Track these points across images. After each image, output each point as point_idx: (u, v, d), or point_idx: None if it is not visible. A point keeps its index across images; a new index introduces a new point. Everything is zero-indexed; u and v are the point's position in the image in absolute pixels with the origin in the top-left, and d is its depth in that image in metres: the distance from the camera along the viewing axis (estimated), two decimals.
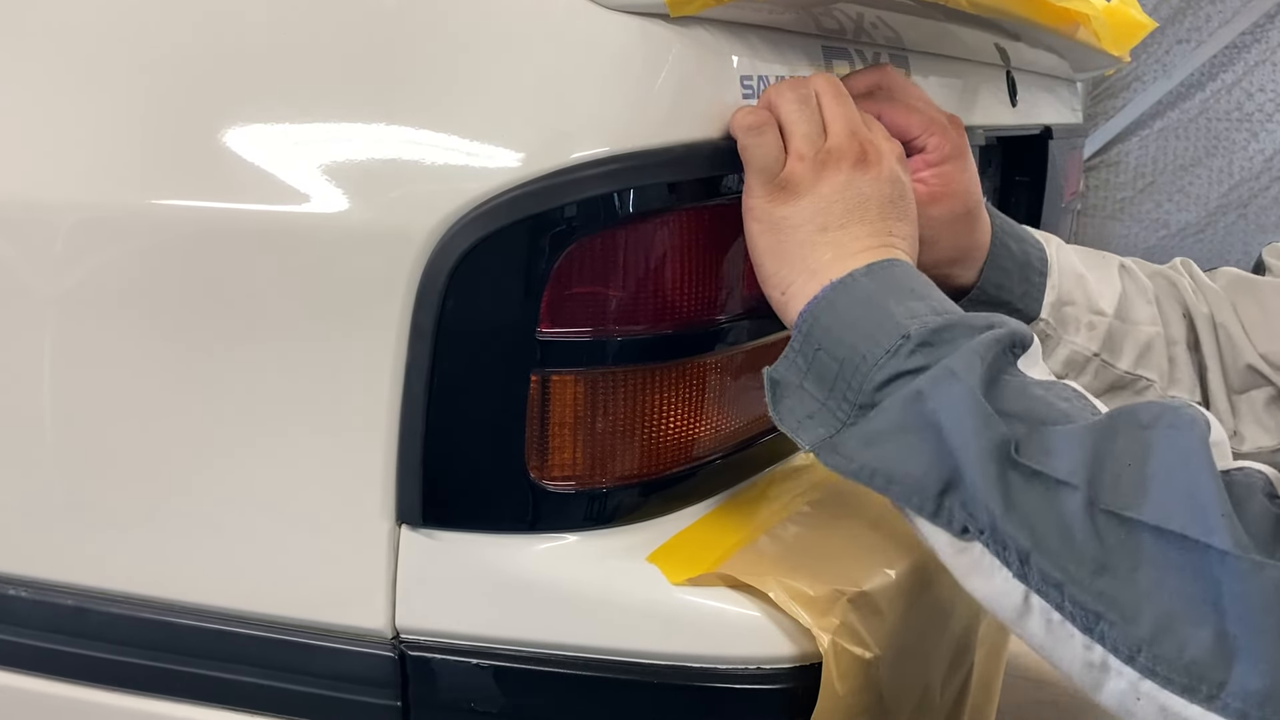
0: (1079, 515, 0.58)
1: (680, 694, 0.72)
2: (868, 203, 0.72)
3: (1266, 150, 3.34)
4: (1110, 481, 0.58)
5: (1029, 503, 0.60)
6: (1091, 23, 1.16)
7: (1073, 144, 1.63)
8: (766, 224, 0.72)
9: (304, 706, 0.77)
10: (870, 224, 0.72)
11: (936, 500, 0.63)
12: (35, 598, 0.82)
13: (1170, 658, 0.55)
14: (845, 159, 0.72)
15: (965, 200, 0.85)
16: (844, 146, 0.73)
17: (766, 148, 0.72)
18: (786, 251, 0.71)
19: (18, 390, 0.80)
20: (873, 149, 0.73)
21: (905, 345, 0.65)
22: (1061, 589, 0.59)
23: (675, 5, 0.70)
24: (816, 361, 0.68)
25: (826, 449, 0.68)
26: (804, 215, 0.71)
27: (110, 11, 0.81)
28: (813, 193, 0.71)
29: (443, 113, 0.72)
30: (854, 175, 0.72)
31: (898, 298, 0.68)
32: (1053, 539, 0.59)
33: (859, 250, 0.71)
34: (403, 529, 0.74)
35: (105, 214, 0.77)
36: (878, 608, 0.73)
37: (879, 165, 0.73)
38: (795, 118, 0.73)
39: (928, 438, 0.63)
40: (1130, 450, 0.59)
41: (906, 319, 0.66)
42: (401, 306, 0.71)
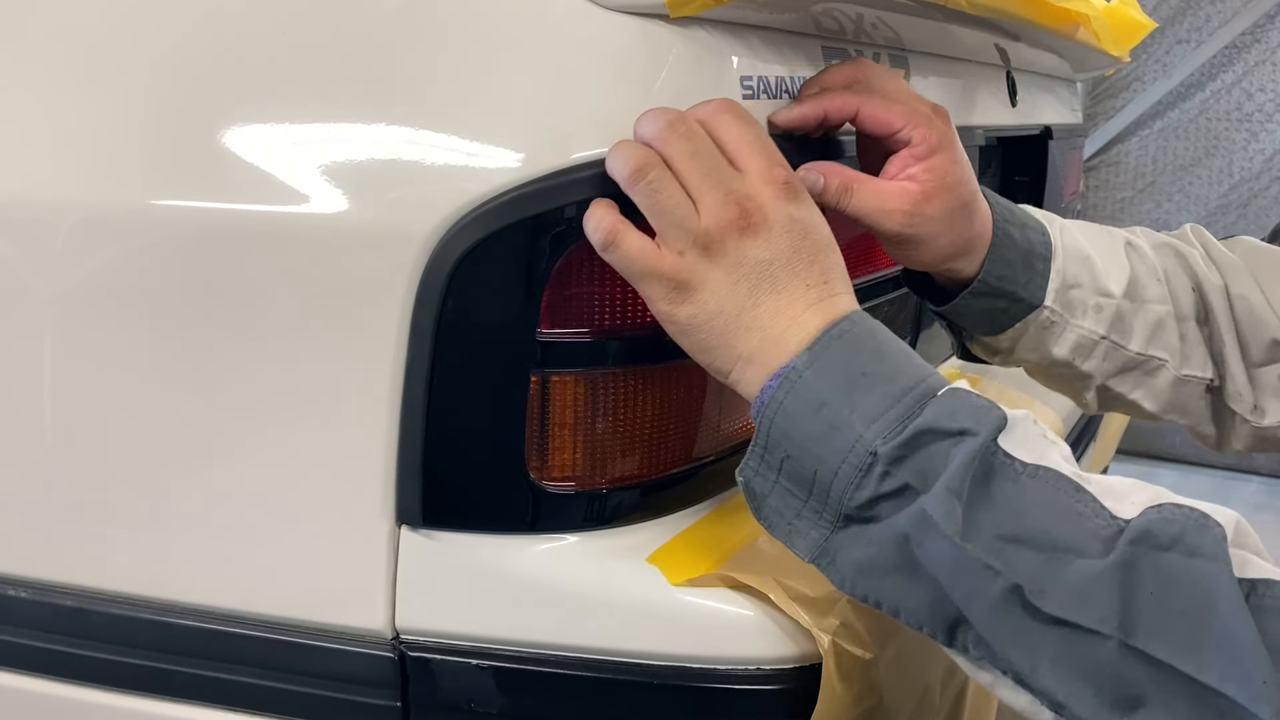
0: (1112, 661, 0.56)
1: (680, 694, 0.72)
2: (771, 267, 0.65)
3: (1266, 150, 3.34)
4: (1138, 618, 0.56)
5: (1055, 651, 0.58)
6: (1091, 23, 1.16)
7: (1073, 144, 1.63)
8: (677, 327, 0.67)
9: (304, 707, 0.77)
10: (784, 290, 0.65)
11: (948, 634, 0.62)
12: (35, 598, 0.82)
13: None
14: (728, 233, 0.65)
15: (959, 193, 0.80)
16: (720, 220, 0.65)
17: (633, 256, 0.66)
18: (710, 347, 0.66)
19: (18, 390, 0.80)
20: (754, 206, 0.66)
21: (876, 465, 0.61)
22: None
23: (675, 5, 0.70)
24: (787, 465, 0.65)
25: (825, 561, 0.65)
26: (711, 308, 0.65)
27: (110, 11, 0.81)
28: (707, 283, 0.65)
29: (443, 113, 0.72)
30: (744, 245, 0.65)
31: (850, 394, 0.63)
32: (1085, 689, 0.57)
33: (786, 326, 0.65)
34: (402, 529, 0.74)
35: (105, 214, 0.77)
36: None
37: (765, 222, 0.65)
38: (656, 207, 0.66)
39: (923, 583, 0.61)
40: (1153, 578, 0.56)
41: (865, 426, 0.62)
42: (401, 306, 0.71)
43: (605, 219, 0.67)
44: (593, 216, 0.68)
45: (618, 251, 0.66)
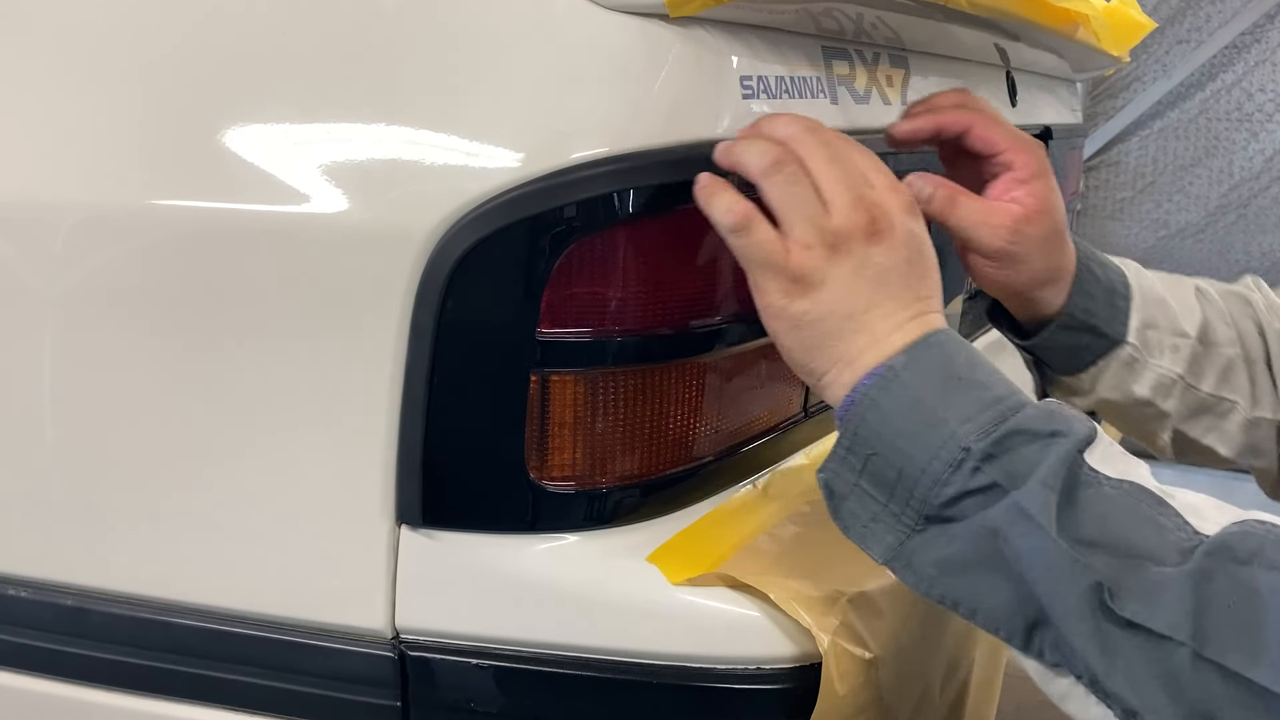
0: (1185, 671, 0.56)
1: (680, 694, 0.72)
2: (889, 275, 0.67)
3: (1266, 150, 3.34)
4: (1214, 630, 0.56)
5: (1130, 656, 0.58)
6: (1091, 23, 1.15)
7: (1073, 144, 1.63)
8: (788, 322, 0.67)
9: (304, 706, 0.77)
10: (896, 297, 0.67)
11: (1025, 635, 0.62)
12: (35, 598, 0.82)
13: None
14: (855, 236, 0.67)
15: (1056, 219, 0.83)
16: (851, 222, 0.67)
17: (762, 245, 0.67)
18: (815, 345, 0.67)
19: (18, 390, 0.80)
20: (881, 214, 0.68)
21: (967, 461, 0.62)
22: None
23: (675, 5, 0.70)
24: (871, 465, 0.65)
25: (900, 563, 0.65)
26: (826, 306, 0.67)
27: (110, 11, 0.81)
28: (829, 281, 0.66)
29: (443, 113, 0.72)
30: (869, 251, 0.67)
31: (945, 394, 0.64)
32: (1160, 697, 0.57)
33: (891, 330, 0.67)
34: (402, 529, 0.74)
35: (105, 214, 0.78)
36: (878, 608, 0.73)
37: (890, 232, 0.67)
38: (790, 202, 0.67)
39: (1009, 578, 0.61)
40: (1230, 591, 0.57)
41: (961, 425, 0.63)
42: (401, 306, 0.71)
43: (739, 203, 0.68)
44: (722, 199, 0.68)
45: (748, 238, 0.67)
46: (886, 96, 0.96)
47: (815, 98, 0.85)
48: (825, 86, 0.87)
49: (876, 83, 0.95)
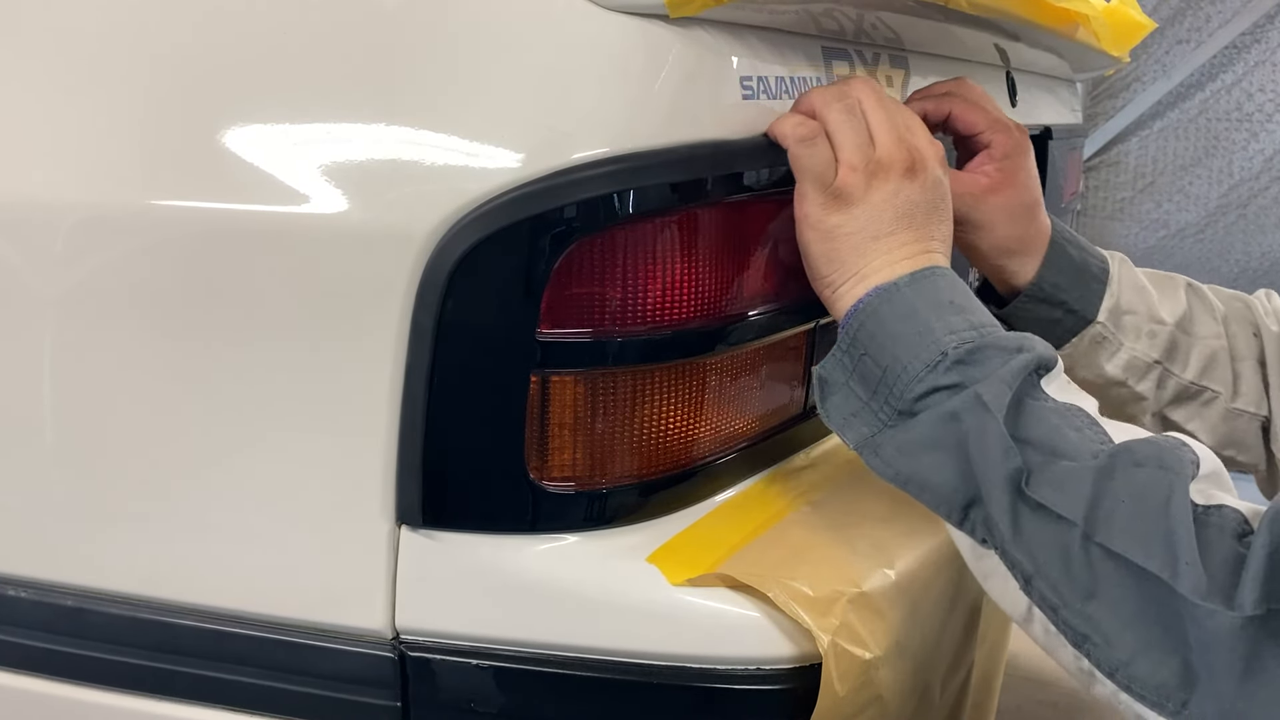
0: (1075, 548, 0.65)
1: (680, 694, 0.72)
2: (914, 210, 0.76)
3: (1266, 150, 3.34)
4: (1104, 518, 0.64)
5: (1034, 531, 0.67)
6: (1091, 23, 1.15)
7: (1073, 144, 1.63)
8: (820, 230, 0.76)
9: (304, 706, 0.77)
10: (915, 230, 0.76)
11: (961, 512, 0.70)
12: (35, 598, 0.82)
13: (1144, 678, 0.63)
14: (894, 168, 0.76)
15: (1022, 194, 0.92)
16: (892, 156, 0.76)
17: (819, 158, 0.76)
18: (838, 256, 0.76)
19: (18, 390, 0.80)
20: (918, 156, 0.77)
21: (943, 362, 0.70)
22: (1056, 610, 0.66)
23: (675, 6, 0.70)
24: (861, 365, 0.73)
25: (868, 450, 0.73)
26: (857, 223, 0.75)
27: (110, 11, 0.81)
28: (864, 201, 0.75)
29: (443, 113, 0.72)
30: (902, 184, 0.76)
31: (938, 312, 0.73)
32: (1053, 567, 0.66)
33: (904, 257, 0.75)
34: (402, 529, 0.74)
35: (105, 214, 0.77)
36: (878, 608, 0.73)
37: (924, 172, 0.77)
38: (845, 129, 0.76)
39: (957, 458, 0.69)
40: (1125, 488, 0.65)
41: (945, 335, 0.71)
42: (401, 306, 0.71)
43: (811, 121, 0.77)
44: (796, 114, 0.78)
45: (811, 148, 0.76)
46: None
47: None
48: None
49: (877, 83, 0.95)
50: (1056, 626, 0.67)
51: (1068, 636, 0.66)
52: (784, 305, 0.83)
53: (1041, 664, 0.68)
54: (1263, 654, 0.59)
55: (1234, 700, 0.60)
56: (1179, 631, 0.62)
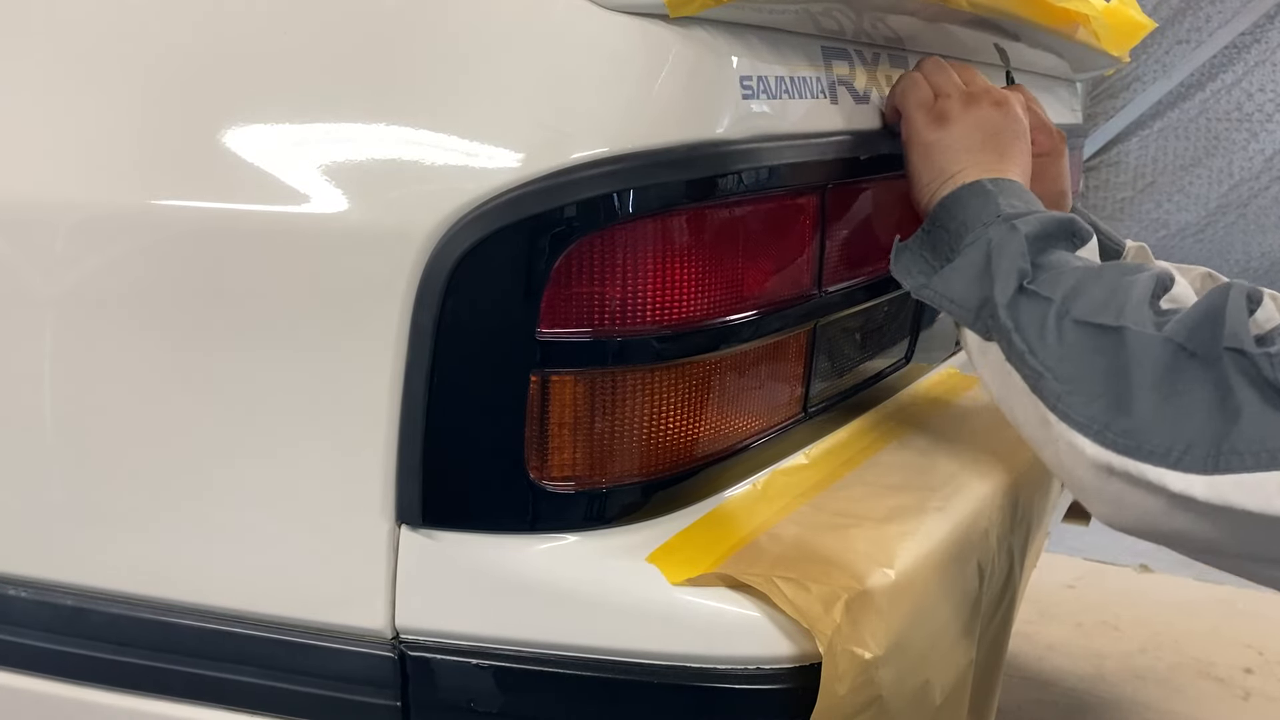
0: (1050, 319, 0.78)
1: (680, 694, 0.72)
2: (1001, 133, 0.92)
3: (1266, 150, 3.34)
4: (1077, 298, 0.78)
5: (1023, 312, 0.80)
6: (1091, 23, 1.16)
7: (1073, 144, 1.63)
8: (923, 144, 0.91)
9: (304, 706, 0.77)
10: (1000, 150, 0.91)
11: (974, 313, 0.83)
12: (35, 598, 0.82)
13: (1079, 407, 0.75)
14: (984, 99, 0.93)
15: (1052, 189, 1.05)
16: (982, 92, 0.94)
17: (922, 89, 0.93)
18: (936, 162, 0.90)
19: (18, 390, 0.80)
20: (1002, 96, 0.94)
21: (996, 223, 0.84)
22: (1023, 359, 0.79)
23: (675, 6, 0.70)
24: (933, 234, 0.88)
25: (918, 286, 0.87)
26: (952, 137, 0.90)
27: (110, 11, 0.81)
28: (960, 120, 0.91)
29: (443, 113, 0.72)
30: (992, 111, 0.92)
31: (1006, 197, 0.87)
32: (1031, 334, 0.79)
33: (989, 167, 0.90)
34: (402, 529, 0.74)
35: (105, 214, 0.78)
36: (878, 608, 0.73)
37: (1008, 106, 0.93)
38: (942, 76, 0.94)
39: (980, 270, 0.83)
40: (1103, 282, 0.78)
41: (1007, 208, 0.85)
42: (401, 306, 0.71)
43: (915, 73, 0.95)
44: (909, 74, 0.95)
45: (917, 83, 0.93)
46: (886, 96, 0.96)
47: (815, 98, 0.85)
48: (825, 86, 0.87)
49: (876, 83, 0.95)
50: (1021, 375, 0.79)
51: (1028, 382, 0.78)
52: (784, 305, 0.83)
53: (1041, 664, 0.68)
54: (1179, 374, 0.71)
55: (1150, 418, 0.71)
56: (1116, 368, 0.73)
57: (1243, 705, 2.01)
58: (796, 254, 0.84)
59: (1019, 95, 0.97)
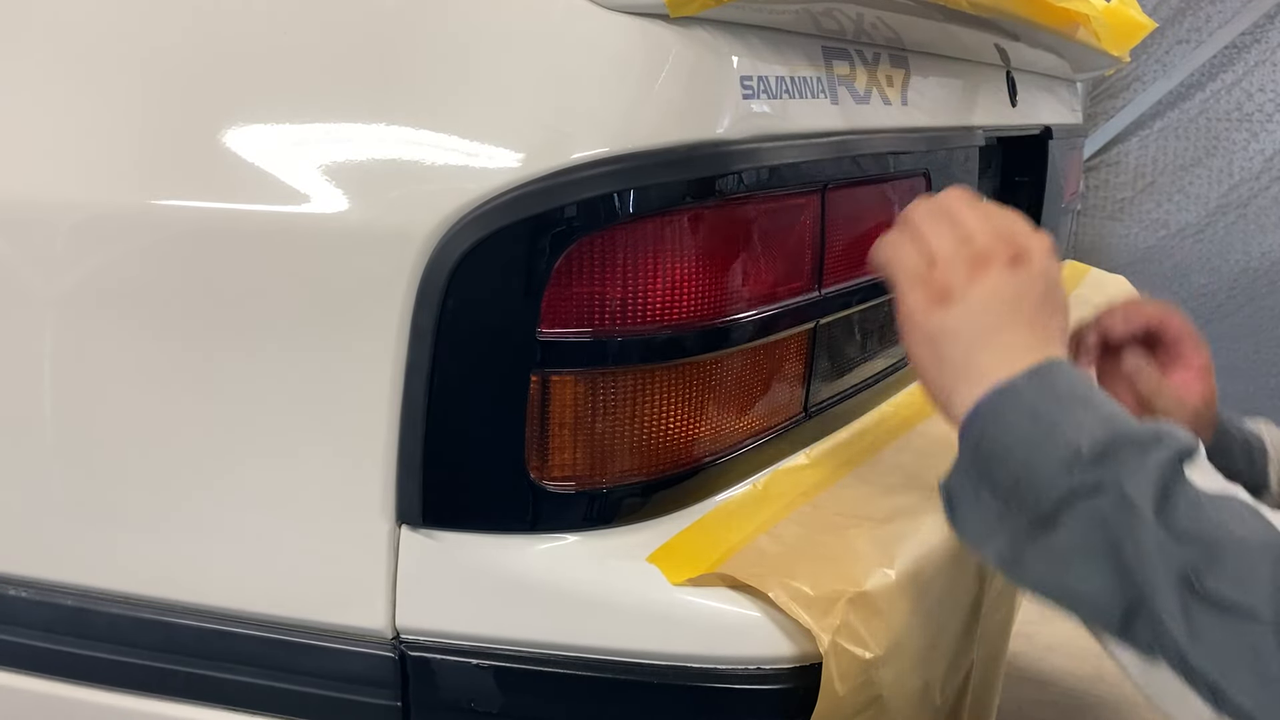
0: (1269, 646, 0.58)
1: (680, 694, 0.72)
2: (1022, 302, 0.72)
3: (1266, 150, 3.34)
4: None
5: (1216, 635, 0.60)
6: (1091, 23, 1.16)
7: (1073, 144, 1.63)
8: (924, 333, 0.73)
9: (304, 706, 0.77)
10: (1027, 324, 0.72)
11: (1122, 621, 0.64)
12: (35, 598, 0.82)
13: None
14: (995, 259, 0.73)
15: (1215, 403, 0.93)
16: (992, 246, 0.73)
17: (909, 255, 0.75)
18: (948, 359, 0.72)
19: (18, 390, 0.80)
20: (1020, 244, 0.74)
21: (1079, 462, 0.65)
22: (1253, 716, 0.59)
23: (675, 6, 0.70)
24: (989, 474, 0.69)
25: (1010, 564, 0.68)
26: (961, 321, 0.72)
27: (110, 10, 0.81)
28: (967, 297, 0.72)
29: (443, 113, 0.72)
30: (1006, 275, 0.73)
31: (1064, 408, 0.68)
32: (1243, 672, 0.59)
33: (1019, 354, 0.71)
34: (403, 529, 0.74)
35: (105, 214, 0.77)
36: (878, 608, 0.73)
37: (1029, 263, 0.73)
38: (935, 229, 0.75)
39: (1111, 563, 0.64)
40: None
41: (1075, 432, 0.66)
42: (401, 307, 0.71)
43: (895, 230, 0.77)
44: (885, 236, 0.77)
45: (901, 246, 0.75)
46: (886, 96, 0.96)
47: (815, 98, 0.85)
48: (825, 86, 0.87)
49: (876, 83, 0.95)
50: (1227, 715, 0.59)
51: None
52: (784, 305, 0.83)
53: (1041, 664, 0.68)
54: None
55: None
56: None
57: None
58: (797, 254, 0.84)
59: (1041, 239, 0.76)
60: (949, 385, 0.72)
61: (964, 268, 0.72)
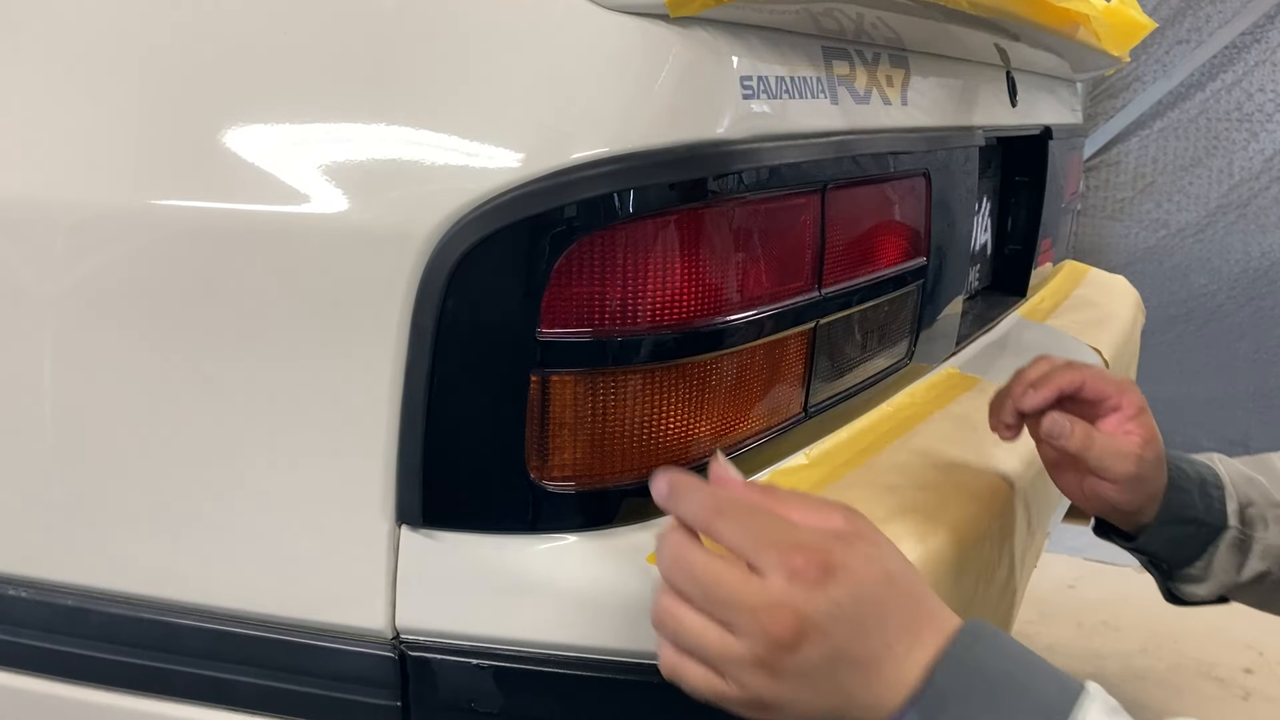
0: None
1: (680, 694, 0.72)
2: (866, 609, 0.60)
3: (1266, 150, 3.34)
4: None
5: None
6: (1091, 23, 1.16)
7: (1073, 144, 1.63)
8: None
9: (304, 706, 0.77)
10: (895, 626, 0.61)
11: None
12: (35, 598, 0.82)
13: None
14: (775, 644, 0.59)
15: (1158, 445, 0.94)
16: (766, 631, 0.59)
17: (698, 683, 0.62)
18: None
19: (17, 390, 0.80)
20: (821, 557, 0.60)
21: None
22: None
23: (675, 5, 0.70)
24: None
25: None
26: (789, 697, 0.60)
27: (110, 10, 0.81)
28: (782, 701, 0.60)
29: (443, 113, 0.72)
30: (830, 594, 0.59)
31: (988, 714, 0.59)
32: None
33: (901, 657, 0.60)
34: (403, 529, 0.74)
35: (105, 214, 0.78)
36: None
37: (803, 639, 0.59)
38: (691, 628, 0.61)
39: None
40: None
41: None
42: (401, 306, 0.71)
43: (663, 625, 0.63)
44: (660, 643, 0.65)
45: (680, 678, 0.63)
46: (886, 96, 0.96)
47: (815, 98, 0.85)
48: (825, 86, 0.87)
49: (876, 83, 0.95)
50: None
51: None
52: (784, 305, 0.83)
53: None
54: None
55: None
56: None
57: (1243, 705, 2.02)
58: (796, 254, 0.84)
59: (831, 524, 0.63)
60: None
61: (754, 670, 0.59)
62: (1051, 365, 0.96)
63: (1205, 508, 0.97)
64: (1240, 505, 0.98)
